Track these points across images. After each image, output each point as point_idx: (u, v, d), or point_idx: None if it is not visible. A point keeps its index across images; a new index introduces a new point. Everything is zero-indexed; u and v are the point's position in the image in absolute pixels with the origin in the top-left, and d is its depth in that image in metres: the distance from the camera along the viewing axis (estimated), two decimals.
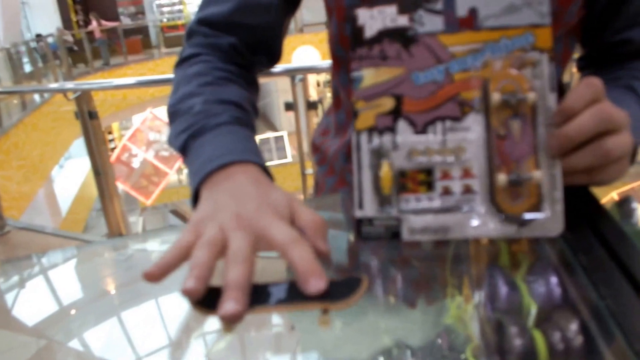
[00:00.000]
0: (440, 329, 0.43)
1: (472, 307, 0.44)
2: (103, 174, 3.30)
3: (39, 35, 13.51)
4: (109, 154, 5.29)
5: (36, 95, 9.05)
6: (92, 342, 0.46)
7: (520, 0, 0.47)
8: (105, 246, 0.78)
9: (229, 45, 0.70)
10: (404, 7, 0.48)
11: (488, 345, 0.39)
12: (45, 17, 15.18)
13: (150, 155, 9.25)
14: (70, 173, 12.65)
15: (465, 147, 0.47)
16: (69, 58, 12.48)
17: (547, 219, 0.47)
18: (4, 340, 0.48)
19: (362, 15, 0.49)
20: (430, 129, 0.48)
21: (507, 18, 0.47)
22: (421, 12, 0.48)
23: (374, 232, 0.49)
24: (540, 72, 0.47)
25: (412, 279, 0.50)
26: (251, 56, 0.72)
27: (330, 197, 0.81)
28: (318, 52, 11.12)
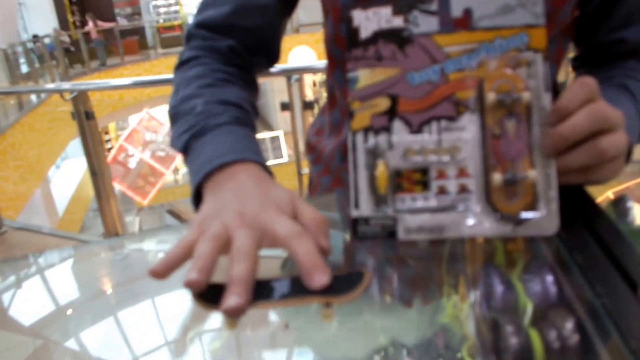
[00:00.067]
0: (436, 328, 0.43)
1: (468, 306, 0.44)
2: (100, 174, 3.29)
3: (35, 36, 13.46)
4: (106, 154, 5.27)
5: (33, 95, 9.03)
6: (89, 342, 0.46)
7: (514, 1, 0.47)
8: (102, 246, 0.78)
9: (228, 48, 0.70)
10: (399, 8, 0.49)
11: (484, 344, 0.39)
12: (42, 17, 15.12)
13: (146, 156, 9.23)
14: (67, 173, 12.61)
15: (460, 147, 0.48)
16: (66, 59, 12.44)
17: (542, 218, 0.47)
18: (1, 340, 0.48)
19: (358, 16, 0.49)
20: (425, 128, 0.48)
21: (501, 18, 0.47)
22: (416, 13, 0.48)
23: (370, 232, 0.49)
24: (535, 72, 0.47)
25: (408, 278, 0.50)
26: (250, 57, 0.73)
27: (325, 197, 0.81)
28: (314, 52, 11.10)
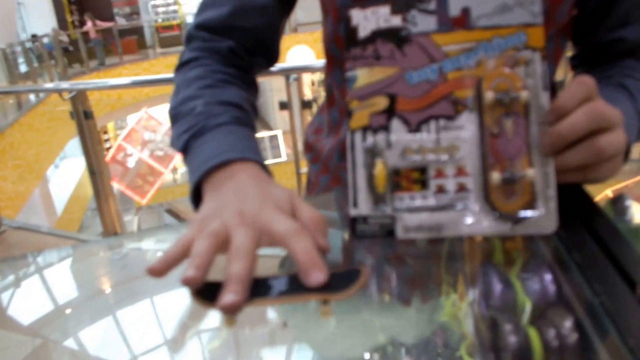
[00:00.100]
0: (435, 326, 0.43)
1: (466, 304, 0.44)
2: (98, 173, 3.30)
3: (34, 36, 13.42)
4: (104, 154, 5.28)
5: (32, 95, 9.02)
6: (88, 341, 0.46)
7: (512, 0, 0.47)
8: (101, 245, 0.78)
9: (227, 49, 0.70)
10: (397, 7, 0.49)
11: (482, 343, 0.39)
12: (40, 17, 15.10)
13: (145, 155, 9.22)
14: (66, 173, 12.59)
15: (459, 146, 0.48)
16: (64, 58, 12.41)
17: (541, 217, 0.47)
18: (0, 340, 0.48)
19: (356, 15, 0.49)
20: (424, 127, 0.48)
21: (499, 17, 0.47)
22: (414, 12, 0.48)
23: (369, 231, 0.49)
24: (533, 71, 0.47)
25: (406, 276, 0.50)
26: (249, 58, 0.73)
27: (324, 196, 0.81)
28: (312, 52, 11.10)
